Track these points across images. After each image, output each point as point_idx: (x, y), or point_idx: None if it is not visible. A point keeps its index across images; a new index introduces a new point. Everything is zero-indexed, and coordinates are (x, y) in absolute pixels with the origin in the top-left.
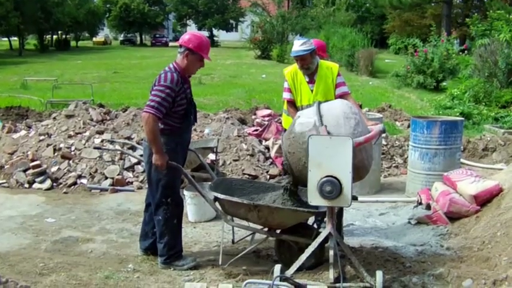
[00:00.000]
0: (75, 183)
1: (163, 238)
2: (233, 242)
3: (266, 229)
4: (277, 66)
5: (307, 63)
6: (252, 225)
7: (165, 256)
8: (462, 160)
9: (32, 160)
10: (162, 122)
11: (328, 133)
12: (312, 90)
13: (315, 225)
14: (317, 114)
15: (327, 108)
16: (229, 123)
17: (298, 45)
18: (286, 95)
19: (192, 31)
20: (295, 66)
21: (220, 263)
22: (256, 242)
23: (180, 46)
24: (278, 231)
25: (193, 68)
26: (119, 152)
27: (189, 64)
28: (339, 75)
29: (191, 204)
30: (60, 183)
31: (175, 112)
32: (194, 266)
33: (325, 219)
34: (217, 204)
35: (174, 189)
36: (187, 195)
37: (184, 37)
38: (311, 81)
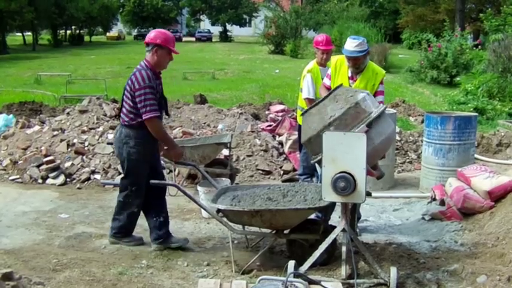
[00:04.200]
0: (88, 179)
1: (120, 216)
2: (247, 247)
3: (274, 232)
4: (291, 61)
5: (359, 63)
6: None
7: (115, 230)
8: (476, 156)
9: (46, 155)
10: (133, 116)
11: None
12: (350, 86)
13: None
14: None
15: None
16: (243, 119)
17: (354, 45)
18: (327, 82)
19: (156, 29)
20: (343, 57)
21: (233, 271)
22: (269, 242)
23: (148, 44)
24: (286, 231)
25: (163, 62)
26: None
27: (159, 59)
28: (381, 83)
29: (205, 200)
30: (74, 179)
31: None
32: (139, 244)
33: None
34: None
35: (141, 182)
36: (200, 191)
37: (150, 35)
38: (353, 78)
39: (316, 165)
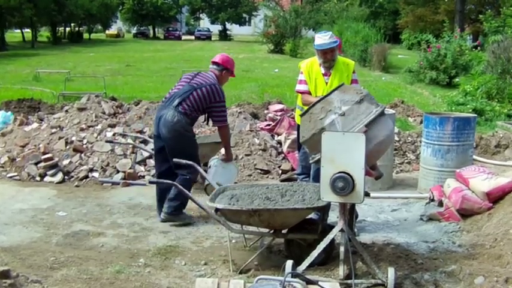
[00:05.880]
0: (86, 177)
1: (180, 196)
2: (245, 246)
3: (272, 231)
4: (290, 60)
5: (334, 56)
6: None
7: (172, 209)
8: (474, 157)
9: (44, 153)
10: (194, 111)
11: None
12: (326, 83)
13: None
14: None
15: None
16: (242, 118)
17: (327, 38)
18: (302, 87)
19: (225, 54)
20: (312, 60)
21: (231, 270)
22: (267, 241)
23: (218, 64)
24: (284, 231)
25: (226, 82)
26: (130, 146)
27: (225, 80)
28: (353, 72)
29: (219, 166)
30: (72, 177)
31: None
32: (190, 223)
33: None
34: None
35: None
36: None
37: (224, 59)
38: (326, 73)
39: (312, 164)
